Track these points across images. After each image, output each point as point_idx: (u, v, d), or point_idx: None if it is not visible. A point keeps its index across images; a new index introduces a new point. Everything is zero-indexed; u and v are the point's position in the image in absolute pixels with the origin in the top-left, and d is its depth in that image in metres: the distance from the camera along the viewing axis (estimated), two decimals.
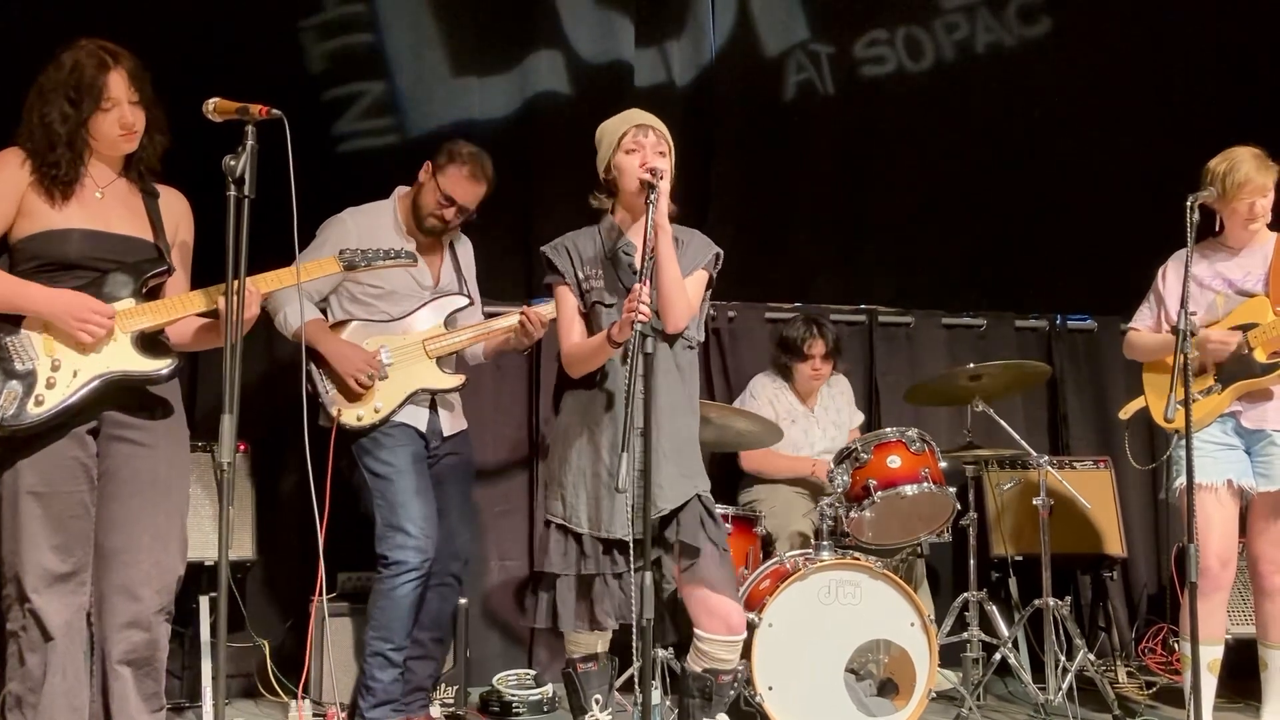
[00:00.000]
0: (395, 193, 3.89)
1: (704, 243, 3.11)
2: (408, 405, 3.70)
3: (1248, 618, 4.28)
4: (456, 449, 3.89)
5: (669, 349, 2.97)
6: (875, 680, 3.67)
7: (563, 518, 3.00)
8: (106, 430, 2.74)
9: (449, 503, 3.81)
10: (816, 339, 4.58)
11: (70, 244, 2.70)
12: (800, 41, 5.30)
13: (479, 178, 3.80)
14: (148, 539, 2.72)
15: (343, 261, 3.09)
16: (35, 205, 2.70)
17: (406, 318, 3.76)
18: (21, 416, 2.59)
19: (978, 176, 5.34)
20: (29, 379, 2.62)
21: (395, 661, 3.60)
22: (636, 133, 3.00)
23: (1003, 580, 4.71)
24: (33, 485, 2.63)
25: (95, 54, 2.74)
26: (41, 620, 2.60)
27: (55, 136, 2.70)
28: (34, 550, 2.61)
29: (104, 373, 2.68)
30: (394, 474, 3.64)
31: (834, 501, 3.96)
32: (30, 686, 2.60)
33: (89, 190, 2.77)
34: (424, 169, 3.82)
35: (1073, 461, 5.00)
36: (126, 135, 2.78)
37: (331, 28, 4.81)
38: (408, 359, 3.71)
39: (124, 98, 2.75)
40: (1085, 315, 5.42)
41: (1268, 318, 3.60)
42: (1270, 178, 3.64)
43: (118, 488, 2.72)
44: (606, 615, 2.95)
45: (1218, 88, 5.42)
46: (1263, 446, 3.63)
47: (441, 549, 3.71)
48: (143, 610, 2.70)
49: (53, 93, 2.72)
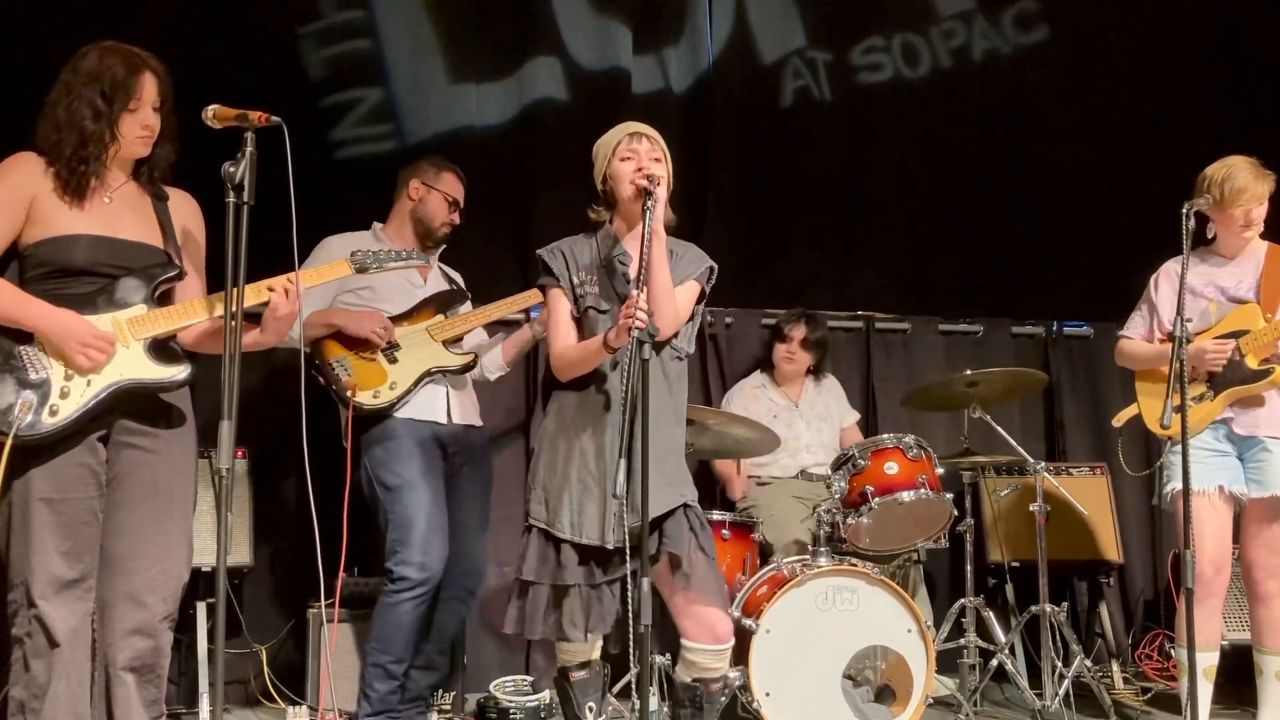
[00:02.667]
0: (373, 226, 3.96)
1: (698, 255, 3.11)
2: (425, 386, 3.70)
3: (1244, 624, 4.29)
4: (474, 459, 3.88)
5: (656, 357, 2.96)
6: (872, 686, 3.67)
7: (545, 522, 2.99)
8: (117, 437, 2.72)
9: (465, 516, 3.81)
10: (799, 324, 4.65)
11: (78, 250, 2.68)
12: (797, 49, 5.31)
13: (462, 176, 4.02)
14: (154, 546, 2.71)
15: (354, 263, 3.08)
16: (45, 210, 2.69)
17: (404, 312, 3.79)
18: (37, 426, 2.57)
19: (974, 183, 5.36)
20: (43, 388, 2.60)
21: (394, 674, 3.59)
22: (631, 140, 3.00)
23: (999, 586, 4.72)
24: (44, 492, 2.61)
25: (126, 54, 2.75)
26: (48, 627, 2.59)
27: (87, 133, 2.69)
28: (43, 556, 2.60)
29: (118, 381, 2.66)
30: (404, 487, 3.61)
31: (831, 508, 3.96)
32: (34, 693, 2.59)
33: (99, 195, 2.75)
34: (413, 188, 3.93)
35: (1069, 468, 5.00)
36: (145, 138, 2.78)
37: (330, 34, 4.82)
38: (416, 344, 3.75)
39: (150, 101, 2.76)
40: (1082, 322, 5.44)
41: (1258, 324, 3.62)
42: (1266, 186, 3.66)
43: (126, 494, 2.71)
44: (573, 626, 2.92)
45: (1213, 95, 5.43)
46: (1255, 453, 3.64)
47: (455, 563, 3.69)
48: (148, 617, 2.68)
49: (84, 88, 2.70)
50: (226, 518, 2.43)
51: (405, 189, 3.95)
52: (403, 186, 3.96)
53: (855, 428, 4.85)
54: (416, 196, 3.92)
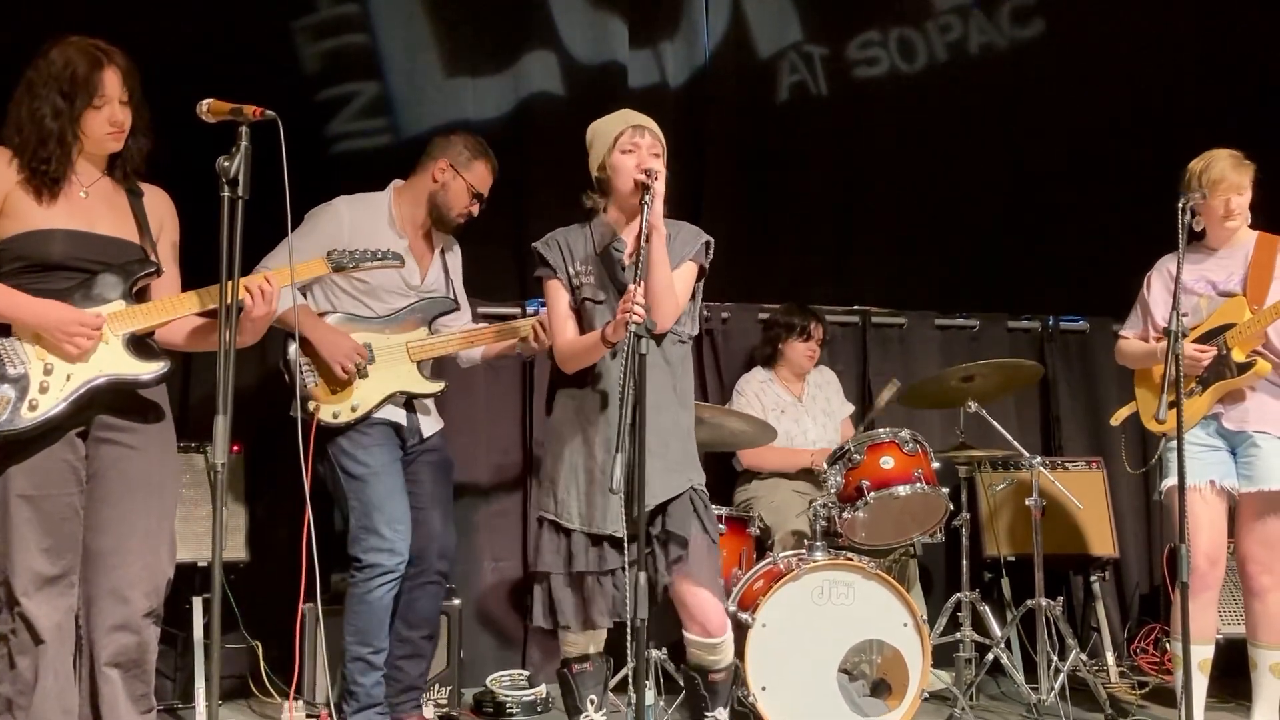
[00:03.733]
0: (391, 186, 3.86)
1: (693, 233, 3.11)
2: (385, 405, 3.67)
3: (1239, 618, 4.30)
4: (435, 447, 3.86)
5: (657, 344, 2.97)
6: (868, 680, 3.67)
7: (554, 514, 3.01)
8: (95, 433, 2.71)
9: (429, 501, 3.77)
10: (817, 324, 4.65)
11: (54, 244, 2.67)
12: (793, 43, 5.31)
13: (496, 168, 3.87)
14: (137, 542, 2.70)
15: (330, 263, 3.07)
16: (19, 206, 2.67)
17: (390, 316, 3.74)
18: (15, 422, 2.57)
19: (970, 178, 5.36)
20: (21, 383, 2.60)
21: (376, 665, 3.58)
22: (633, 133, 3.00)
23: (995, 580, 4.72)
24: (23, 488, 2.61)
25: (88, 50, 2.72)
26: (32, 623, 2.59)
27: (46, 132, 2.67)
28: (24, 553, 2.59)
29: (96, 377, 2.66)
30: (370, 475, 3.60)
31: (827, 502, 3.97)
32: (21, 689, 2.59)
33: (74, 190, 2.74)
34: (440, 169, 3.77)
35: (1065, 462, 5.01)
36: (115, 134, 2.76)
37: (325, 28, 4.81)
38: (390, 360, 3.68)
39: (116, 96, 2.73)
40: (1078, 316, 5.44)
41: (1244, 317, 3.62)
42: (1244, 176, 3.67)
43: (107, 490, 2.70)
44: (601, 614, 2.95)
45: (1210, 89, 5.44)
46: (1245, 448, 3.65)
47: (426, 548, 3.70)
48: (132, 613, 2.68)
49: (44, 87, 2.68)
50: (222, 512, 2.44)
51: (433, 164, 3.78)
52: (430, 160, 3.79)
53: (849, 422, 4.85)
54: (440, 180, 3.77)
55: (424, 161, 3.83)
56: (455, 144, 3.81)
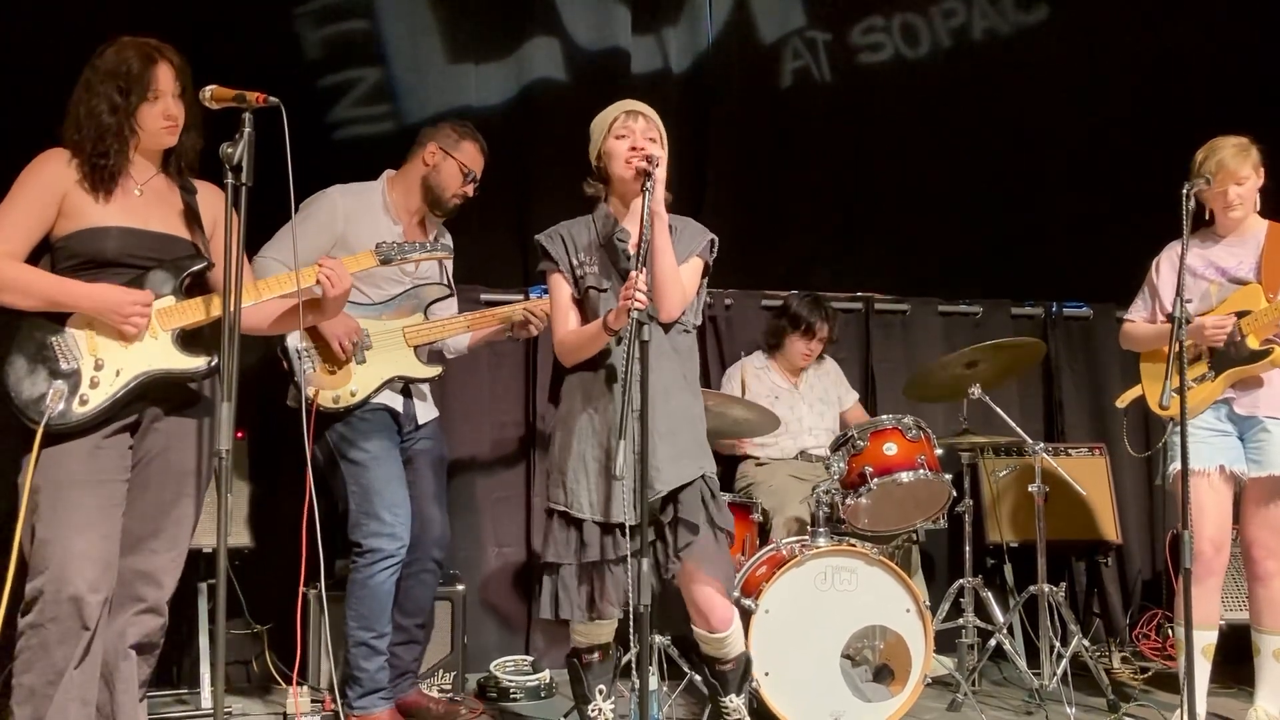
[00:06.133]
0: (384, 175, 3.88)
1: (698, 230, 3.11)
2: (383, 390, 3.69)
3: (1242, 603, 4.31)
4: (429, 435, 3.88)
5: (664, 333, 2.98)
6: (871, 666, 3.68)
7: (564, 505, 2.99)
8: (144, 424, 2.79)
9: (423, 488, 3.80)
10: (824, 324, 4.62)
11: (109, 241, 2.73)
12: (797, 29, 5.30)
13: (485, 150, 3.91)
14: (174, 529, 2.80)
15: (379, 255, 3.10)
16: (77, 204, 2.73)
17: (386, 303, 3.75)
18: (67, 415, 2.64)
19: (974, 164, 5.35)
20: (74, 378, 2.67)
21: (379, 650, 3.60)
22: (626, 119, 3.00)
23: (998, 566, 4.72)
24: (76, 478, 2.66)
25: (142, 48, 2.79)
26: (82, 611, 2.60)
27: (104, 127, 2.74)
28: (78, 541, 2.62)
29: (146, 371, 2.73)
30: (370, 460, 3.63)
31: (830, 488, 3.97)
32: (50, 679, 2.60)
33: (129, 187, 2.80)
34: (430, 152, 3.81)
35: (1068, 448, 5.01)
36: (170, 127, 2.82)
37: (327, 14, 4.80)
38: (387, 345, 3.70)
39: (169, 90, 2.79)
40: (1081, 303, 5.44)
41: (1260, 304, 3.62)
42: (1245, 165, 3.66)
43: (149, 477, 2.78)
44: (610, 605, 2.94)
45: (1215, 74, 5.42)
46: (1255, 433, 3.65)
47: (420, 536, 3.71)
48: (161, 597, 2.78)
49: (101, 85, 2.76)
50: (227, 499, 2.47)
51: (422, 150, 3.83)
52: (419, 147, 3.84)
53: (859, 407, 4.84)
54: (431, 162, 3.81)
55: (414, 150, 3.88)
56: (442, 129, 3.89)
